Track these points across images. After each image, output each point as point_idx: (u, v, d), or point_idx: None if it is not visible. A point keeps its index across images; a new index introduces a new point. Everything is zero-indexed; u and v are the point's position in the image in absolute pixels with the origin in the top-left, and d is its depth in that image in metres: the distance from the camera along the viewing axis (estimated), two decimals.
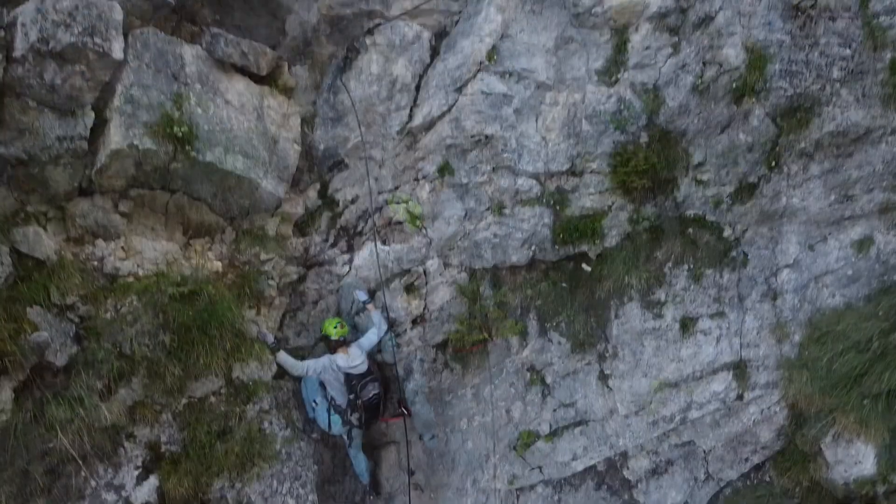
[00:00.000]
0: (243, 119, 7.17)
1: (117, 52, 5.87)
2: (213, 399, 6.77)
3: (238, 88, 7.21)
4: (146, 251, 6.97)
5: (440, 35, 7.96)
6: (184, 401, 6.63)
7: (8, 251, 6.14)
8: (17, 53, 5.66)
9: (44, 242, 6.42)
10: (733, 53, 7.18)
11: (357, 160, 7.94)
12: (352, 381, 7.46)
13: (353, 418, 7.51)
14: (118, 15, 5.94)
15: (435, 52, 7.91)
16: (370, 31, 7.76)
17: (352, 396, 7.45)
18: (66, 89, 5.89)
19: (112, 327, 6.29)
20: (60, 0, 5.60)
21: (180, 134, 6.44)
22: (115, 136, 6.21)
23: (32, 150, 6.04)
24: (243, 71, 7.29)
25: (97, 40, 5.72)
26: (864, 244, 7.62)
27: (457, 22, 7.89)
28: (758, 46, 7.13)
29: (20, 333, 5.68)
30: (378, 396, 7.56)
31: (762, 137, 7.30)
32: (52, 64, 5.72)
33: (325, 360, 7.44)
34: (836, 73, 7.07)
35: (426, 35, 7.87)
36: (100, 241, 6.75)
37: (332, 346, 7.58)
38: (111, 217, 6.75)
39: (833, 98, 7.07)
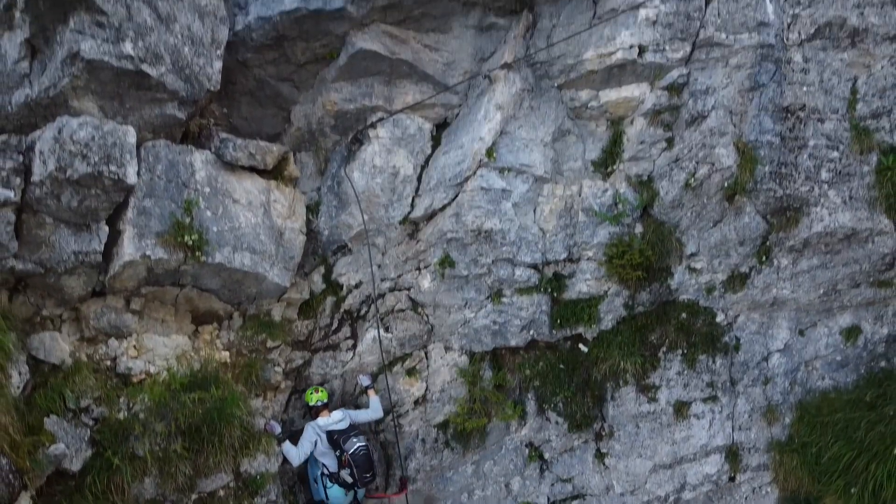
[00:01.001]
0: (251, 215, 7.41)
1: (131, 176, 6.11)
2: (221, 493, 7.01)
3: (246, 186, 7.45)
4: (157, 347, 7.21)
5: (441, 125, 8.20)
6: (194, 496, 6.86)
7: (25, 359, 6.38)
8: (36, 178, 5.90)
9: (59, 346, 6.67)
10: (725, 153, 7.41)
11: (360, 246, 8.18)
12: (334, 437, 7.59)
13: (345, 475, 7.60)
14: (132, 138, 6.18)
15: (436, 143, 8.16)
16: (373, 125, 8.00)
17: (337, 453, 7.58)
18: (81, 209, 6.13)
19: (125, 429, 6.53)
20: (77, 130, 5.84)
21: (190, 242, 6.67)
22: (128, 248, 6.45)
23: (49, 263, 6.28)
24: (251, 168, 7.52)
25: (112, 168, 5.96)
26: (852, 332, 7.85)
27: (457, 115, 8.13)
28: (749, 147, 7.37)
29: (38, 448, 5.92)
30: (365, 448, 7.60)
31: (753, 233, 7.53)
32: (68, 188, 5.96)
33: (308, 429, 7.61)
34: (824, 175, 7.31)
35: (427, 126, 8.11)
36: (112, 341, 7.00)
37: (314, 414, 7.77)
38: (123, 317, 7.00)
39: (821, 199, 7.30)
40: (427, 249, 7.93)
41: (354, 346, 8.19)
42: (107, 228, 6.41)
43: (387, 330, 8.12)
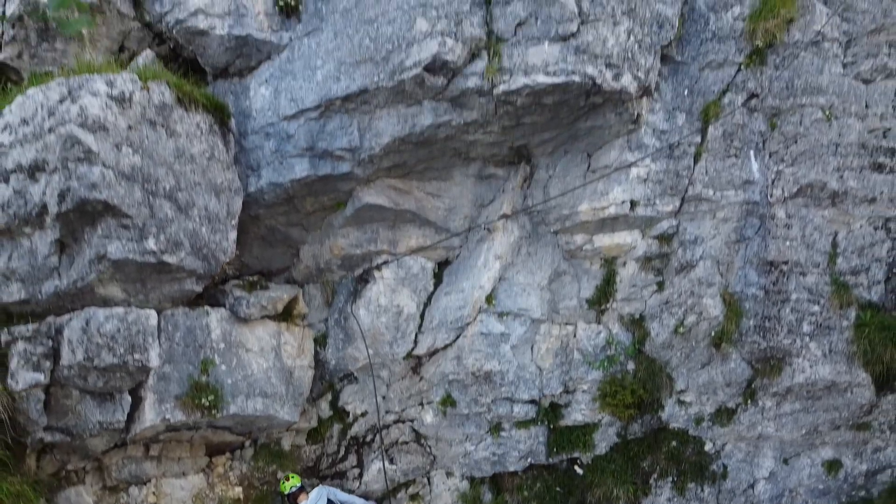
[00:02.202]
0: (262, 361, 7.83)
1: (154, 360, 6.54)
2: None
3: (258, 334, 7.86)
4: (174, 492, 7.66)
5: (443, 263, 8.60)
6: None
7: None
8: (65, 363, 6.33)
9: (83, 501, 7.11)
10: (712, 304, 7.82)
11: (366, 376, 8.59)
12: None
13: None
14: (153, 320, 6.61)
15: (438, 279, 8.56)
16: (378, 267, 8.41)
17: None
18: (107, 388, 6.56)
19: None
20: (104, 323, 6.26)
21: (207, 403, 7.10)
22: (149, 414, 6.88)
23: (75, 430, 6.71)
24: (262, 317, 7.94)
25: (136, 356, 6.39)
26: (833, 465, 8.26)
27: (458, 255, 8.54)
28: (735, 299, 7.77)
29: None
30: None
31: (739, 377, 7.94)
32: (95, 373, 6.39)
33: None
34: (805, 328, 7.71)
35: (430, 265, 8.51)
36: (133, 489, 7.44)
37: (293, 501, 7.99)
38: (143, 465, 7.44)
39: (803, 351, 7.70)
40: (430, 388, 8.35)
41: (361, 475, 8.62)
42: (129, 398, 6.83)
43: (391, 461, 8.54)
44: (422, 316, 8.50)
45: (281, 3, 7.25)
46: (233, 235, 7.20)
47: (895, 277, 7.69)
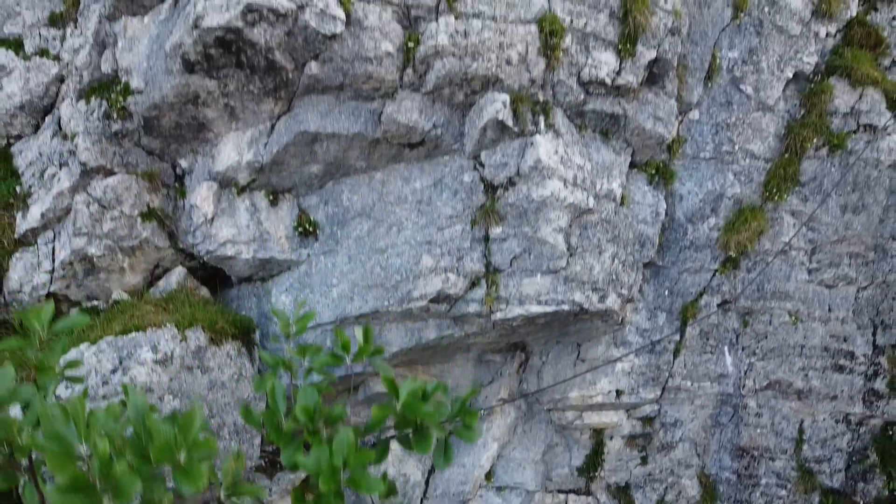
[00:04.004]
0: None
1: None
2: None
3: None
4: None
5: None
6: None
7: None
8: None
9: None
10: (690, 484, 8.65)
11: None
12: None
13: None
14: None
15: None
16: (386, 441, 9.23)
17: None
18: None
19: None
20: None
21: None
22: None
23: None
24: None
25: None
26: None
27: None
28: (710, 481, 8.61)
29: None
30: None
31: None
32: None
33: None
34: None
35: None
36: None
37: None
38: None
39: None
40: None
41: None
42: None
43: None
44: (426, 482, 9.34)
45: (300, 229, 8.03)
46: (257, 441, 8.02)
47: (855, 466, 8.51)
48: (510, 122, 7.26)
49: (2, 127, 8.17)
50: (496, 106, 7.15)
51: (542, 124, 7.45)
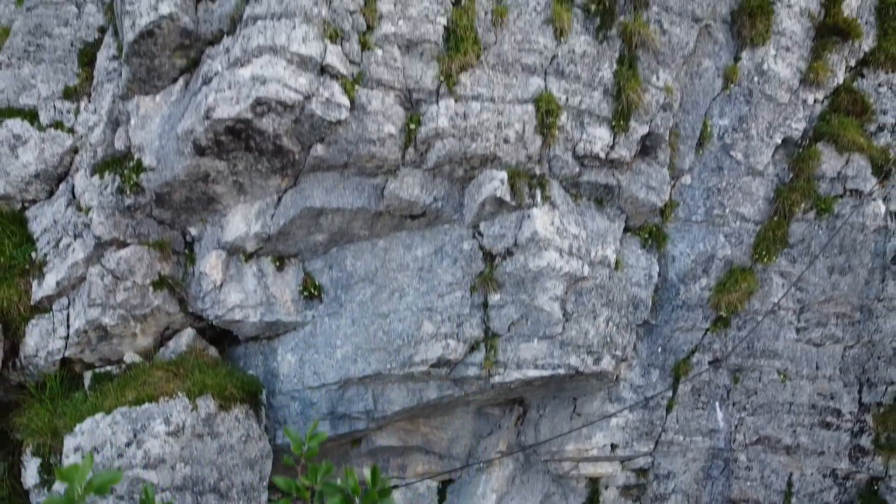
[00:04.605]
0: None
1: None
2: None
3: None
4: None
5: (446, 481, 9.74)
6: None
7: None
8: None
9: None
10: None
11: None
12: None
13: None
14: None
15: (441, 496, 9.69)
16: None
17: None
18: None
19: None
20: None
21: None
22: None
23: None
24: None
25: None
26: None
27: (460, 476, 9.67)
28: None
29: None
30: None
31: None
32: None
33: None
34: None
35: (434, 484, 9.65)
36: None
37: None
38: None
39: None
40: None
41: None
42: None
43: None
44: None
45: (305, 293, 8.32)
46: (264, 498, 8.31)
47: None
48: (508, 198, 7.55)
49: (17, 192, 8.47)
50: (494, 184, 7.45)
51: (538, 197, 7.75)
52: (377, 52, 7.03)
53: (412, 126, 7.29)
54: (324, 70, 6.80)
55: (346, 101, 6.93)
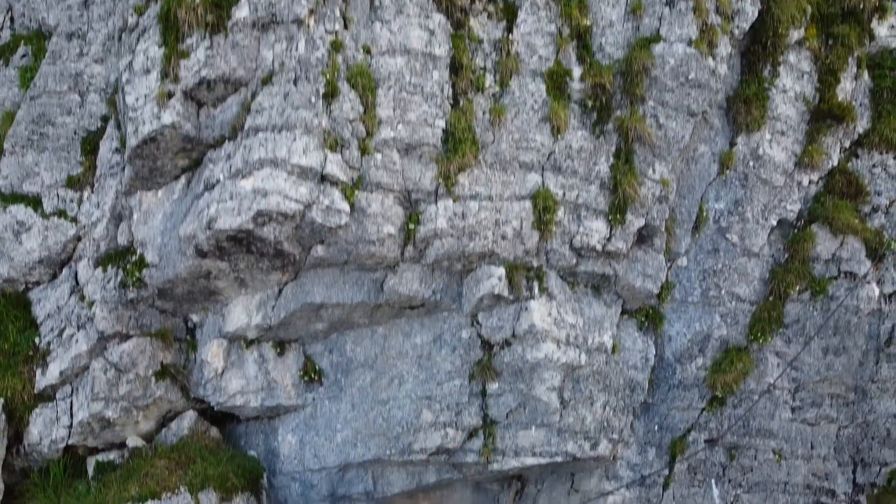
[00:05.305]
0: None
1: None
2: None
3: None
4: None
5: None
6: None
7: None
8: None
9: None
10: None
11: None
12: None
13: None
14: None
15: None
16: None
17: None
18: None
19: None
20: None
21: None
22: None
23: None
24: None
25: None
26: None
27: None
28: None
29: None
30: None
31: None
32: None
33: None
34: None
35: None
36: None
37: None
38: None
39: None
40: None
41: None
42: None
43: None
44: None
45: (306, 377, 8.42)
46: None
47: None
48: (506, 293, 7.65)
49: (21, 276, 8.57)
50: (492, 281, 7.55)
51: (536, 289, 7.84)
52: (377, 156, 7.13)
53: (411, 226, 7.38)
54: (324, 178, 6.90)
55: (346, 206, 7.03)
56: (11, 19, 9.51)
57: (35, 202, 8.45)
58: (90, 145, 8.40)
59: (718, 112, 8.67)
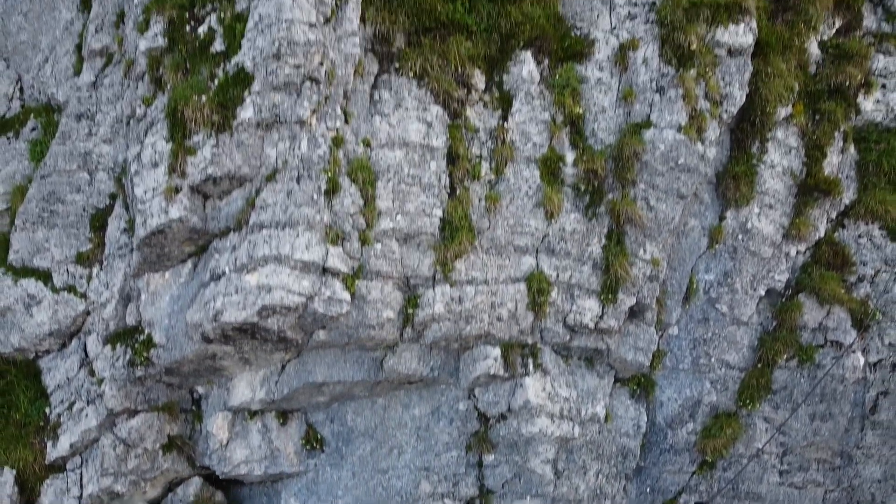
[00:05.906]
0: None
1: None
2: None
3: None
4: None
5: None
6: None
7: None
8: None
9: None
10: None
11: None
12: None
13: None
14: None
15: None
16: None
17: None
18: None
19: None
20: None
21: None
22: None
23: None
24: None
25: None
26: None
27: None
28: None
29: None
30: None
31: None
32: None
33: None
34: None
35: None
36: None
37: None
38: None
39: None
40: None
41: None
42: None
43: None
44: None
45: (308, 445, 8.68)
46: None
47: None
48: (501, 372, 7.92)
49: (32, 346, 8.84)
50: (488, 362, 7.83)
51: (530, 366, 8.11)
52: (376, 246, 7.40)
53: (410, 310, 7.65)
54: (325, 270, 7.17)
55: (347, 296, 7.30)
56: (21, 90, 9.76)
57: (45, 276, 8.71)
58: (99, 221, 8.66)
59: (708, 187, 8.93)
